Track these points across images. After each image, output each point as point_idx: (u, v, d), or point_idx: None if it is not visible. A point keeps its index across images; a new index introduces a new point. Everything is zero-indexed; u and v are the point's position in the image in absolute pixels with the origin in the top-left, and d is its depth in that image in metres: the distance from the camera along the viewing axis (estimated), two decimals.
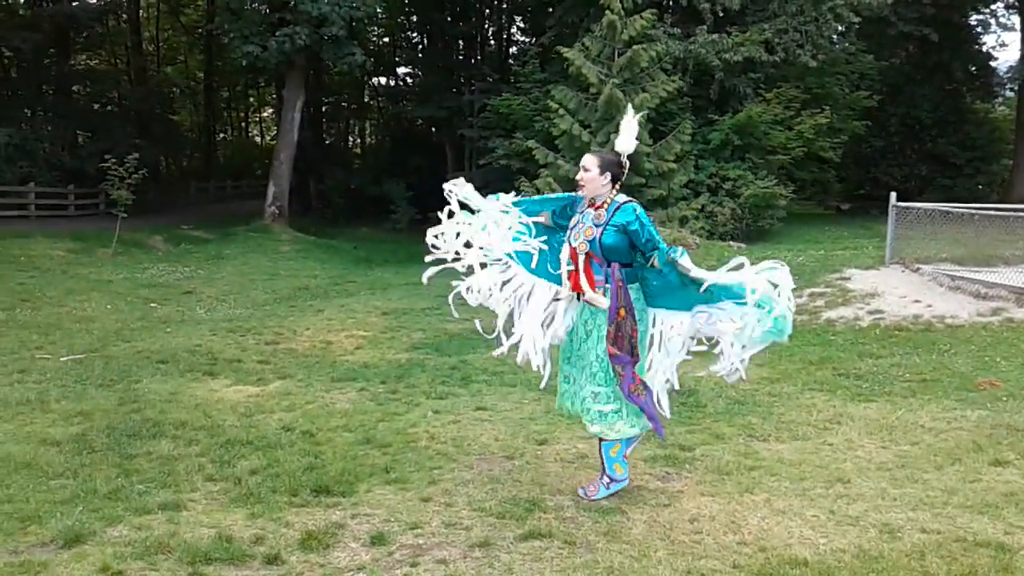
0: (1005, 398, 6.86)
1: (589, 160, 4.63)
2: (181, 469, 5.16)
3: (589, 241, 4.54)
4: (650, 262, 4.51)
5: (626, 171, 4.69)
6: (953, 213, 12.83)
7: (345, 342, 10.03)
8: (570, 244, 4.65)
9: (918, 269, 11.93)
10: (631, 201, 4.58)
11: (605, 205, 4.57)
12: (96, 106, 34.29)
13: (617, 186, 4.64)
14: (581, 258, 4.58)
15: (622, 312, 4.46)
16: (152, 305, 13.12)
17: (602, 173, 4.57)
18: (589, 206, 4.64)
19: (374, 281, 17.06)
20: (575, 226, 4.65)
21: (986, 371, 7.77)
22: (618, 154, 4.66)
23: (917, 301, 10.49)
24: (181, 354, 8.89)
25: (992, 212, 13.05)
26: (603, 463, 4.75)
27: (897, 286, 11.24)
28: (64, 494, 4.69)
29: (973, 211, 13.07)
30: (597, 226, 4.54)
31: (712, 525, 4.34)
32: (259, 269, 18.30)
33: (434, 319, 11.89)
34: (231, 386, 7.59)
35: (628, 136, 4.67)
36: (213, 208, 31.76)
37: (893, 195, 13.24)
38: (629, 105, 5.05)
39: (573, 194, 4.80)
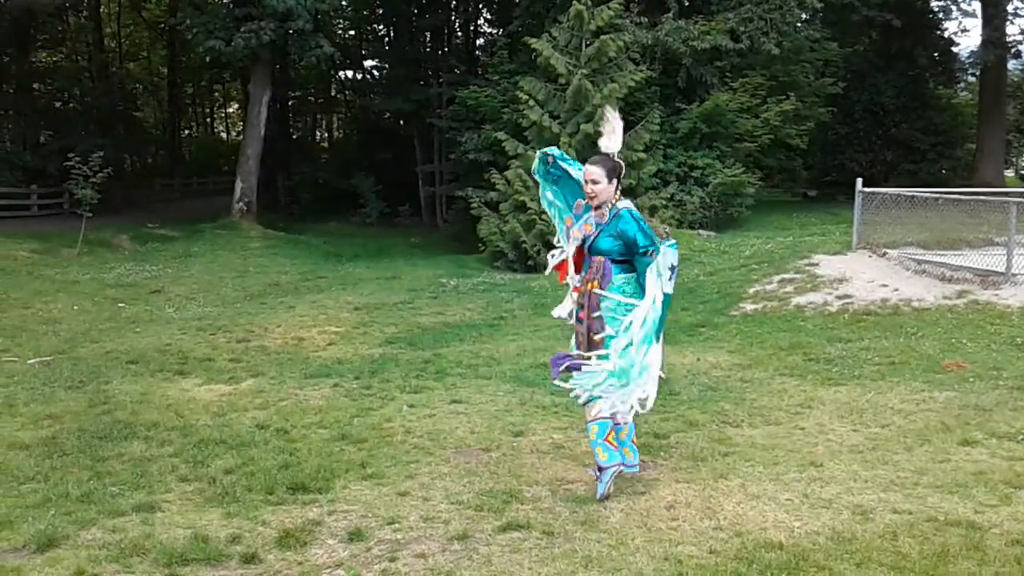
0: (972, 379, 6.97)
1: (596, 172, 4.58)
2: (154, 470, 5.11)
3: (585, 237, 4.72)
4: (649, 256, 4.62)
5: (624, 169, 4.79)
6: (918, 198, 12.98)
7: (317, 338, 9.98)
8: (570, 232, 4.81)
9: (885, 254, 12.08)
10: (629, 206, 4.64)
11: (607, 208, 4.63)
12: (58, 104, 33.76)
13: (619, 187, 4.69)
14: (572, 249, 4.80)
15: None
16: (120, 305, 12.96)
17: (610, 181, 4.61)
18: (599, 213, 4.71)
19: (345, 276, 16.98)
20: (579, 225, 4.79)
21: (953, 353, 7.89)
22: (608, 154, 4.66)
23: (884, 285, 10.62)
24: (151, 354, 8.79)
25: (956, 196, 13.22)
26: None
27: (864, 271, 11.38)
28: (35, 498, 4.63)
29: (937, 196, 13.23)
30: (596, 226, 4.65)
31: (688, 511, 4.37)
32: (228, 266, 18.12)
33: (407, 313, 11.87)
34: (203, 385, 7.52)
35: (614, 135, 4.67)
36: (179, 206, 31.42)
37: (859, 181, 13.38)
38: (608, 105, 5.07)
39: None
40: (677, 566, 3.76)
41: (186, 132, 50.00)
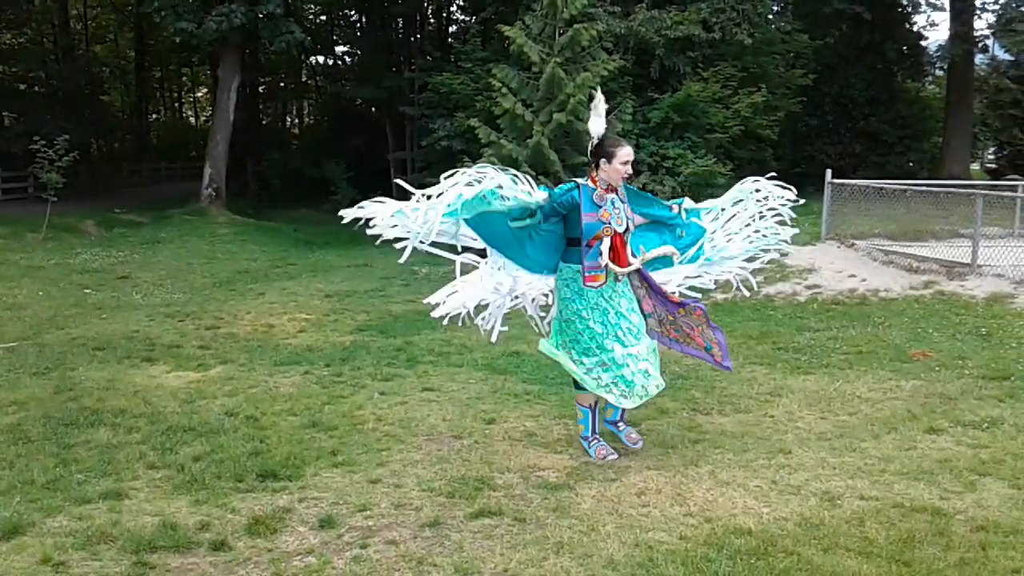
0: (938, 368, 7.07)
1: (631, 151, 4.92)
2: (121, 457, 5.05)
3: (630, 220, 4.95)
4: (680, 209, 5.20)
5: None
6: (886, 190, 13.14)
7: (288, 325, 9.91)
8: (614, 229, 4.83)
9: (853, 244, 12.22)
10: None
11: (619, 186, 4.92)
12: (22, 86, 33.13)
13: None
14: (626, 237, 4.93)
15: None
16: (86, 291, 12.78)
17: None
18: (608, 191, 4.86)
19: (316, 263, 16.87)
20: (612, 213, 4.83)
21: (919, 342, 8.00)
22: (591, 137, 4.93)
23: (852, 276, 10.75)
24: (118, 340, 8.68)
25: (923, 188, 13.41)
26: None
27: (833, 261, 11.50)
28: (0, 485, 4.56)
29: (905, 188, 13.41)
30: (616, 207, 4.88)
31: (659, 498, 4.40)
32: (197, 253, 17.93)
33: (378, 300, 11.82)
34: (171, 372, 7.45)
35: (602, 118, 4.95)
36: (147, 191, 31.01)
37: (828, 172, 13.51)
38: (597, 90, 5.23)
39: (539, 199, 4.78)
40: (648, 552, 3.79)
41: (154, 116, 49.27)
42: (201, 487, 4.58)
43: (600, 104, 4.95)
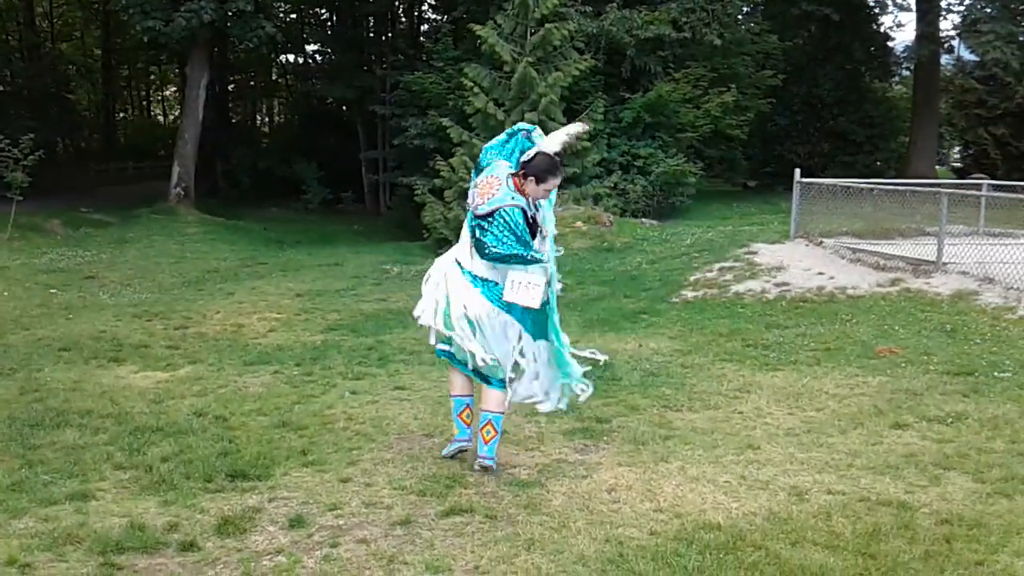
0: (904, 364, 7.16)
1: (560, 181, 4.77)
2: (88, 458, 4.98)
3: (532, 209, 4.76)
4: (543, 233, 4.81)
5: None
6: (853, 188, 13.29)
7: (257, 325, 9.84)
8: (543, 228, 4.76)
9: (821, 243, 12.34)
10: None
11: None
12: None
13: None
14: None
15: None
16: (52, 291, 12.60)
17: None
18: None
19: (286, 263, 16.76)
20: (540, 223, 4.74)
21: (886, 339, 8.10)
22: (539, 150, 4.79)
23: (820, 273, 10.85)
24: (84, 341, 8.57)
25: (890, 187, 13.57)
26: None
27: (802, 259, 11.60)
28: None
29: (872, 186, 13.56)
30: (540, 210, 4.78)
31: (629, 494, 4.42)
32: (165, 252, 17.74)
33: (349, 300, 11.77)
34: (138, 372, 7.36)
35: (559, 140, 4.80)
36: (114, 190, 30.59)
37: (797, 172, 13.63)
38: (587, 123, 5.27)
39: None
40: (618, 547, 3.81)
41: (121, 115, 48.80)
42: (169, 487, 4.53)
43: (575, 131, 4.92)
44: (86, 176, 34.17)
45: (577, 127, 5.00)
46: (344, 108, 33.89)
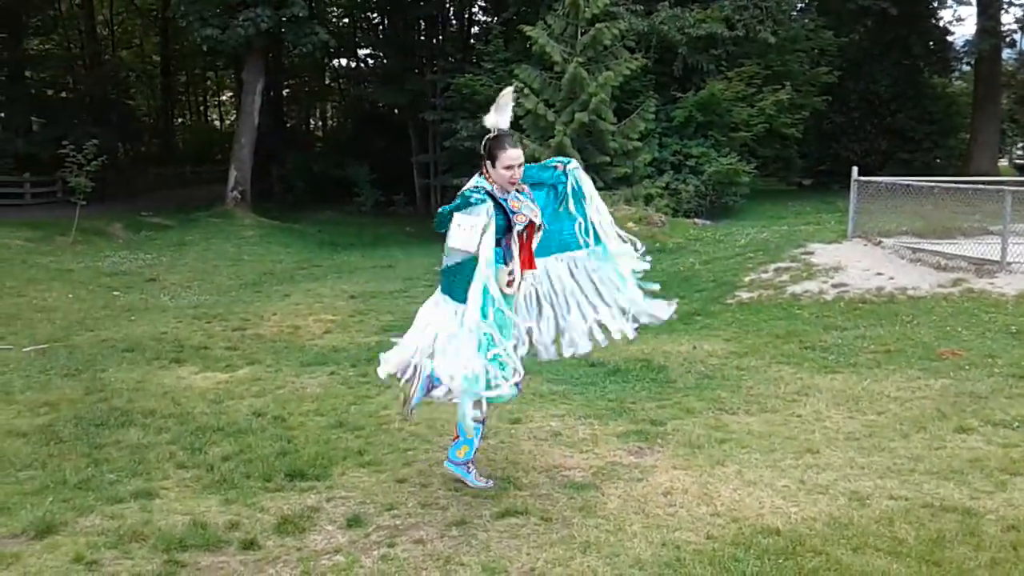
0: (967, 367, 6.99)
1: (520, 152, 4.40)
2: (152, 457, 5.11)
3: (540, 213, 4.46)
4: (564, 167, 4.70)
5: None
6: (913, 187, 13.00)
7: (313, 326, 9.97)
8: (519, 227, 4.34)
9: (880, 242, 12.10)
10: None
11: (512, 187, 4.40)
12: (50, 91, 33.57)
13: None
14: (537, 235, 4.49)
15: None
16: (115, 293, 12.93)
17: None
18: (516, 189, 4.40)
19: (340, 264, 16.96)
20: (517, 210, 4.33)
21: (948, 341, 7.91)
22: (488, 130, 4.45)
23: (879, 274, 10.64)
24: (147, 342, 8.77)
25: (951, 185, 13.25)
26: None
27: (860, 259, 11.39)
28: (33, 485, 4.63)
29: (932, 184, 13.26)
30: (532, 201, 4.45)
31: (685, 498, 4.39)
32: (223, 255, 18.10)
33: (402, 301, 11.85)
34: (199, 373, 7.52)
35: (506, 111, 4.50)
36: (173, 194, 31.31)
37: (855, 170, 13.37)
38: (510, 89, 4.75)
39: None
40: (675, 551, 3.78)
41: (179, 120, 49.80)
42: (230, 487, 4.62)
43: (506, 96, 4.47)
44: (146, 180, 34.98)
45: (503, 94, 4.56)
46: (395, 111, 34.15)
